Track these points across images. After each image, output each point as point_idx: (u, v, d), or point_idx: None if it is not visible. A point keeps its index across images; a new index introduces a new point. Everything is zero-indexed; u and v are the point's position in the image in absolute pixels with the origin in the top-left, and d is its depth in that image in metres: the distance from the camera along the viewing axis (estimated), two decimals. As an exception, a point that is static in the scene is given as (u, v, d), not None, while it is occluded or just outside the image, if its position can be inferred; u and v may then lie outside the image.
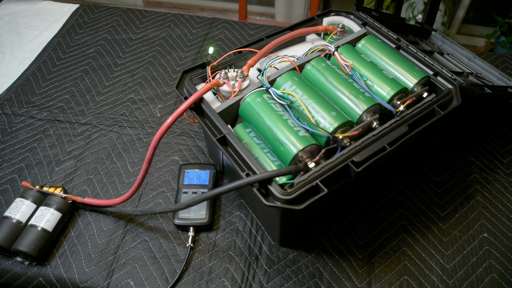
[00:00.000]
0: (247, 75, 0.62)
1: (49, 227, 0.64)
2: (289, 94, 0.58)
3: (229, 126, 0.55)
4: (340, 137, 0.53)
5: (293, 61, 0.63)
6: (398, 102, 0.58)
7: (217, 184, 0.72)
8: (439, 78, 0.62)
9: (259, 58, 0.64)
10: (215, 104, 0.60)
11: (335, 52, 0.63)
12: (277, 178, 0.50)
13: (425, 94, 0.59)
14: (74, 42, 1.04)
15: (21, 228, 0.64)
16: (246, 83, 0.61)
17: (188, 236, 0.65)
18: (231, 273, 0.63)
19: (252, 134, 0.57)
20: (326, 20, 0.74)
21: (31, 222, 0.64)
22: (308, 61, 0.63)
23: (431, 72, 0.63)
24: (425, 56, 0.64)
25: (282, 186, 0.49)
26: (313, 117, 0.55)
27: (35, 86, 0.93)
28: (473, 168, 0.75)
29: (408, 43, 0.66)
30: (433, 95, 0.59)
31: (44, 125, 0.84)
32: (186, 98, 0.58)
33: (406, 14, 1.87)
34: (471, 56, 0.83)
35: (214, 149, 0.73)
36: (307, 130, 0.54)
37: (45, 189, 0.69)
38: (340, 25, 0.71)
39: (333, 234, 0.67)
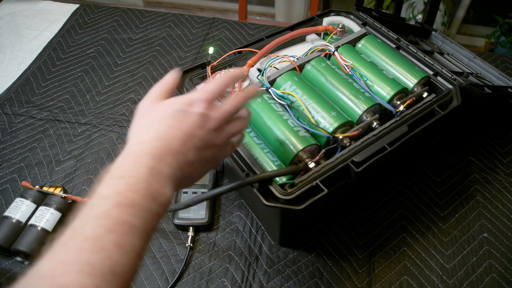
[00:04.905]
0: (247, 75, 0.62)
1: (49, 227, 0.64)
2: (289, 94, 0.58)
3: (229, 126, 0.55)
4: (340, 137, 0.53)
5: (293, 61, 0.63)
6: (398, 102, 0.58)
7: (217, 184, 0.72)
8: (439, 78, 0.62)
9: (259, 58, 0.64)
10: (215, 104, 0.60)
11: (335, 52, 0.63)
12: (277, 178, 0.50)
13: (425, 94, 0.59)
14: (74, 42, 1.04)
15: (21, 228, 0.64)
16: (246, 83, 0.61)
17: (188, 236, 0.65)
18: (231, 273, 0.63)
19: (252, 134, 0.57)
20: (326, 20, 0.74)
21: (31, 222, 0.64)
22: (308, 61, 0.63)
23: (431, 72, 0.63)
24: (425, 56, 0.64)
25: (282, 186, 0.49)
26: (313, 117, 0.55)
27: (35, 86, 0.93)
28: (473, 168, 0.75)
29: (408, 43, 0.66)
30: (433, 95, 0.59)
31: (44, 125, 0.84)
32: (186, 98, 0.58)
33: (406, 14, 1.87)
34: (471, 56, 0.83)
35: (214, 149, 0.72)
36: (307, 130, 0.54)
37: (45, 189, 0.69)
38: (340, 25, 0.71)
39: (333, 234, 0.67)
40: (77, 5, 1.15)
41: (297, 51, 0.69)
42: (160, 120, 0.37)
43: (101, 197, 0.32)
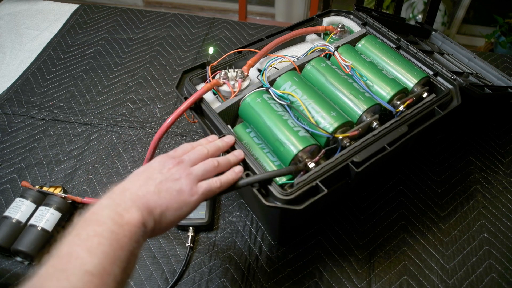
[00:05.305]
0: (247, 75, 0.62)
1: (49, 227, 0.64)
2: (289, 94, 0.58)
3: (229, 126, 0.55)
4: (340, 137, 0.53)
5: (293, 61, 0.63)
6: (398, 102, 0.58)
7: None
8: (439, 78, 0.62)
9: (259, 58, 0.64)
10: (215, 104, 0.60)
11: (335, 52, 0.63)
12: (277, 178, 0.50)
13: (425, 94, 0.59)
14: (74, 42, 1.04)
15: (21, 228, 0.64)
16: (246, 83, 0.61)
17: (188, 236, 0.65)
18: (231, 273, 0.63)
19: (252, 134, 0.57)
20: (326, 20, 0.74)
21: (31, 222, 0.64)
22: (308, 61, 0.63)
23: (431, 72, 0.63)
24: (425, 56, 0.64)
25: (282, 186, 0.49)
26: (313, 117, 0.55)
27: (35, 86, 0.93)
28: (473, 168, 0.75)
29: (408, 43, 0.66)
30: (433, 95, 0.59)
31: (44, 125, 0.84)
32: (186, 98, 0.58)
33: (406, 14, 1.87)
34: (471, 56, 0.83)
35: (214, 149, 0.72)
36: (307, 130, 0.54)
37: (45, 189, 0.69)
38: (340, 25, 0.71)
39: (333, 234, 0.67)
40: (77, 5, 1.15)
41: (297, 51, 0.69)
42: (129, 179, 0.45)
43: (72, 227, 0.38)
